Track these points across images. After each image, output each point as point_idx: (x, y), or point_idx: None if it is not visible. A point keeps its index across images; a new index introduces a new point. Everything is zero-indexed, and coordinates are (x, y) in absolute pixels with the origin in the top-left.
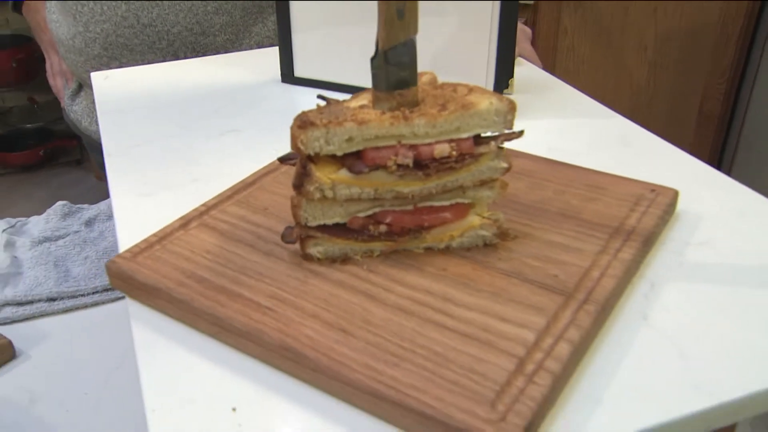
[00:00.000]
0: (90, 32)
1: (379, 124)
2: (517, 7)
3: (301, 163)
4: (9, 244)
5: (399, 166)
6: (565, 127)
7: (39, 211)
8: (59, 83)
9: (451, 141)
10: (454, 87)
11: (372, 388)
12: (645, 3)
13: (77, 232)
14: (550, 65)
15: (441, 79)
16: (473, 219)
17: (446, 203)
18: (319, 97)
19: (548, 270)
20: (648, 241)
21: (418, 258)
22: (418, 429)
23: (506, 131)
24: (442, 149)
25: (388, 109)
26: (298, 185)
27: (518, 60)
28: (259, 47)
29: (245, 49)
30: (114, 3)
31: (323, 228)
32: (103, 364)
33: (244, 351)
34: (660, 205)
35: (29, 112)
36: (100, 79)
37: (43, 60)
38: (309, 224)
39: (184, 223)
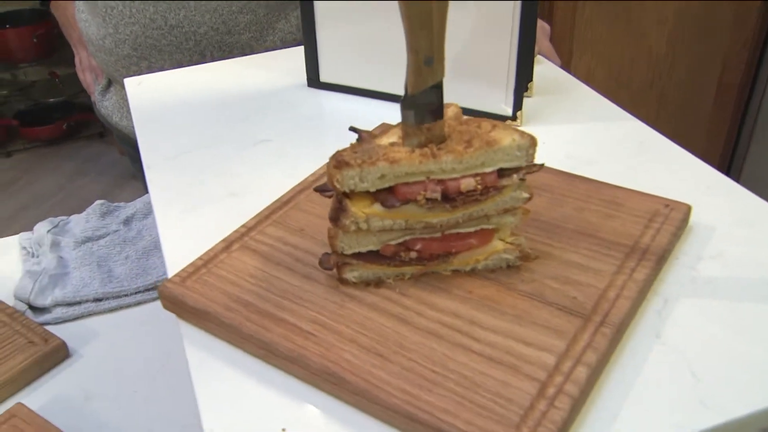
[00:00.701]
0: (119, 34)
1: (409, 162)
2: (537, 8)
3: (337, 198)
4: (54, 244)
5: (428, 200)
6: (583, 132)
7: (68, 183)
8: (89, 78)
9: (476, 175)
10: (479, 123)
11: (409, 412)
12: None
13: (116, 231)
14: (568, 38)
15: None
16: (497, 244)
17: (472, 230)
18: (351, 129)
19: (567, 292)
20: (662, 259)
21: (445, 280)
22: None
23: (527, 165)
24: (468, 183)
25: (417, 145)
26: (335, 218)
27: (537, 58)
28: (282, 43)
29: (269, 47)
30: (142, 5)
31: (358, 255)
32: (150, 362)
33: (289, 373)
34: (674, 221)
35: (51, 87)
36: (133, 85)
37: (62, 36)
38: (345, 252)
39: (227, 245)
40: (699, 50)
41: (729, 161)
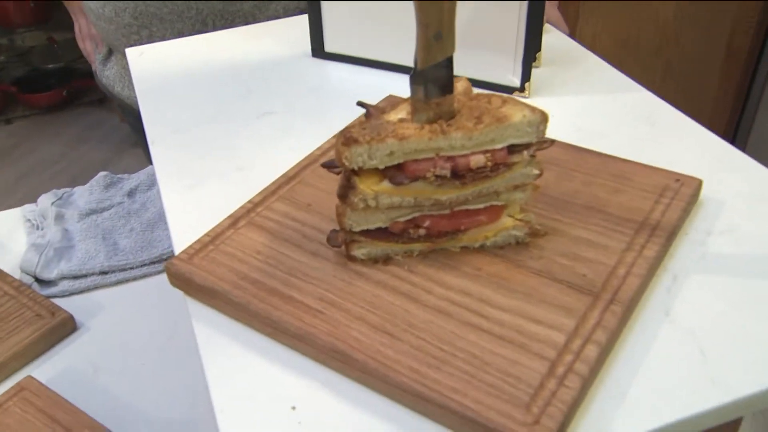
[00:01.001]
0: (120, 2)
1: (418, 138)
2: None
3: (345, 175)
4: (59, 217)
5: (437, 176)
6: (591, 103)
7: (69, 150)
8: (89, 47)
9: (486, 152)
10: (489, 98)
11: (417, 391)
12: None
13: (120, 203)
14: (574, 1)
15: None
16: (506, 220)
17: (481, 206)
18: (359, 104)
19: (577, 269)
20: (672, 235)
21: (454, 257)
22: (460, 428)
23: (538, 141)
24: (478, 160)
25: (426, 120)
26: (343, 196)
27: (545, 27)
28: (285, 11)
29: (272, 15)
30: None
31: (366, 232)
32: (157, 335)
33: (298, 351)
34: (684, 197)
35: (49, 52)
36: (135, 55)
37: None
38: (353, 230)
39: (233, 221)
40: (707, 15)
41: (735, 129)
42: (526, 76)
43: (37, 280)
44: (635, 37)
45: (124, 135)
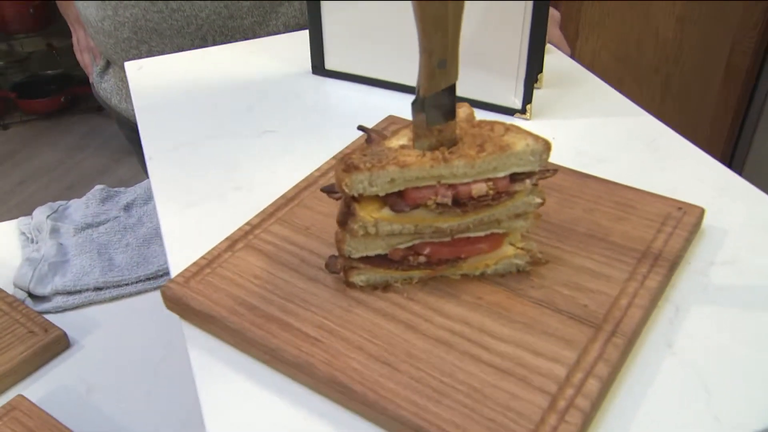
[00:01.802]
0: (119, 16)
1: (420, 166)
2: (549, 4)
3: (345, 202)
4: (54, 231)
5: (438, 204)
6: (593, 126)
7: (66, 157)
8: (87, 59)
9: (488, 180)
10: (491, 126)
11: (417, 425)
12: None
13: (117, 217)
14: (575, 16)
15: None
16: (507, 248)
17: (482, 234)
18: (360, 128)
19: (578, 299)
20: (674, 265)
21: (454, 285)
22: None
23: (541, 170)
24: (480, 188)
25: (428, 147)
26: (343, 222)
27: (547, 47)
28: (285, 28)
29: (272, 31)
30: None
31: (365, 259)
32: (151, 353)
33: (295, 379)
34: (686, 226)
35: (48, 58)
36: (133, 69)
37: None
38: (352, 256)
39: (231, 244)
40: (706, 34)
41: (733, 148)
42: (527, 98)
43: (31, 295)
44: (635, 55)
45: (122, 143)
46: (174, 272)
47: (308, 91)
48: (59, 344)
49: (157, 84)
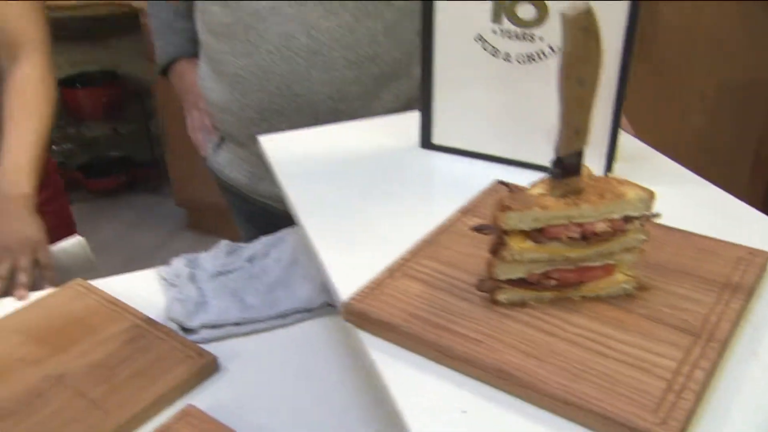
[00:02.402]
0: (246, 99)
1: (557, 209)
2: (625, 90)
3: (497, 235)
4: (191, 277)
5: (569, 238)
6: (666, 193)
7: (126, 232)
8: (200, 137)
9: (607, 220)
10: (607, 180)
11: (564, 398)
12: (706, 53)
13: (242, 267)
14: None
15: None
16: (618, 276)
17: (599, 264)
18: (500, 182)
19: (678, 315)
20: (750, 294)
21: (576, 304)
22: (602, 428)
23: (647, 213)
24: (601, 227)
25: (560, 195)
26: (495, 251)
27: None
28: (384, 111)
29: (374, 113)
30: (270, 76)
31: (509, 281)
32: (289, 378)
33: (462, 372)
34: (757, 265)
35: (113, 142)
36: (267, 142)
37: (127, 97)
38: (500, 278)
39: (390, 273)
40: (737, 123)
41: None
42: (609, 168)
43: (182, 328)
44: (671, 143)
45: (178, 220)
46: (342, 296)
47: (417, 162)
48: (211, 367)
49: (289, 155)
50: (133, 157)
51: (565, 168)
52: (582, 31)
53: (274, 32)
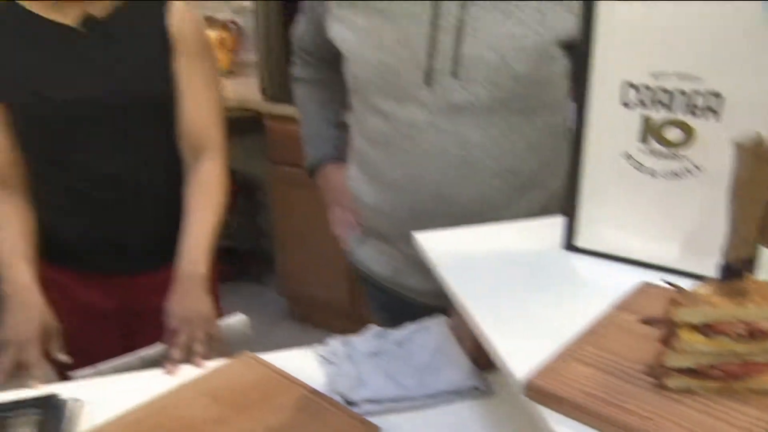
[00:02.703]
0: (398, 201)
1: (725, 308)
2: None
3: (669, 327)
4: (348, 356)
5: (737, 334)
6: None
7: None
8: (344, 232)
9: None
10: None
11: None
12: None
13: (392, 350)
14: None
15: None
16: None
17: (764, 361)
18: (665, 281)
19: None
20: None
21: (740, 395)
22: None
23: None
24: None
25: (726, 295)
26: (666, 341)
27: None
28: (521, 216)
29: (513, 218)
30: (422, 182)
31: (678, 369)
32: None
33: None
34: None
35: (224, 234)
36: (425, 240)
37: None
38: (670, 366)
39: (561, 357)
40: None
41: None
42: None
43: (345, 401)
44: None
45: (279, 309)
46: (517, 374)
47: (562, 263)
48: None
49: (446, 251)
50: (240, 248)
51: (732, 272)
52: (754, 157)
53: (429, 143)
